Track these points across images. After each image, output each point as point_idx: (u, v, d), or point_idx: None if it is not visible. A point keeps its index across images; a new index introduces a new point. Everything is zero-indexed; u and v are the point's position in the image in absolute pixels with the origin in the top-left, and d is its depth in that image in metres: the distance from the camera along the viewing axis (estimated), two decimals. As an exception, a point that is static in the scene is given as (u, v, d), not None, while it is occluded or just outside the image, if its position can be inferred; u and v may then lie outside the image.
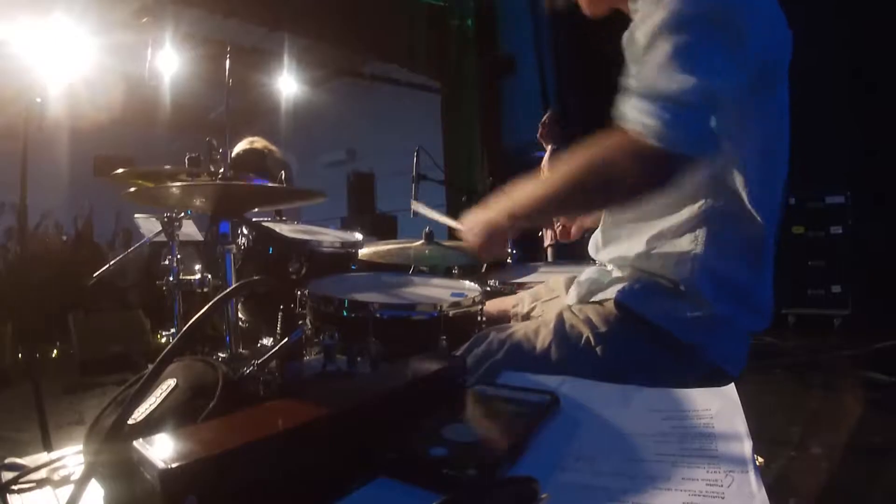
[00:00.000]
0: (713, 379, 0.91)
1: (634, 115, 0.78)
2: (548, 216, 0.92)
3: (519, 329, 0.96)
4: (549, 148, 4.05)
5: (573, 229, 1.44)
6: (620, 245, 0.98)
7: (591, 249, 1.08)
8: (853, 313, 3.97)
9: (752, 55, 0.81)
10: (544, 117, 4.12)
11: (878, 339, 3.41)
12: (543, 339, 0.91)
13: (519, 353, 0.90)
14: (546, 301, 1.18)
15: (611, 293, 0.92)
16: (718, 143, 0.78)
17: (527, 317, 1.20)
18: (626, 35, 0.96)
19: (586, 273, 1.04)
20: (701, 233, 0.88)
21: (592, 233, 1.09)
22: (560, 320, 0.93)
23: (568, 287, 1.11)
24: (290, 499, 0.44)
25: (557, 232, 1.48)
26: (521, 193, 0.90)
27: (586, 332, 0.90)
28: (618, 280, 0.96)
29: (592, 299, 0.97)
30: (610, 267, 1.03)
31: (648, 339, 0.89)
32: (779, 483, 1.74)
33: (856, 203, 4.05)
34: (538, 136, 4.17)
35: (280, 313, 1.35)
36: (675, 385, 0.86)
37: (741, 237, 0.89)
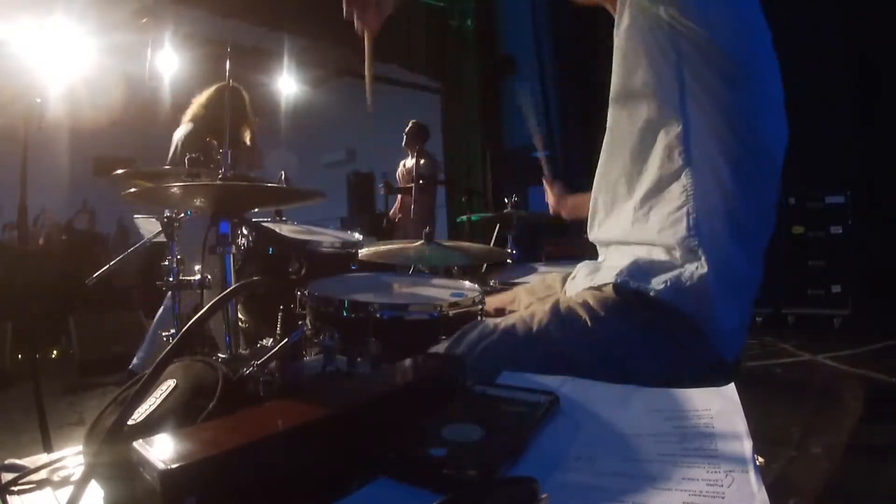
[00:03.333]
0: (713, 368, 0.90)
1: None
2: None
3: (513, 314, 0.94)
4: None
5: (564, 212, 1.49)
6: (614, 215, 1.00)
7: (588, 229, 1.08)
8: (853, 313, 3.97)
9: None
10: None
11: (878, 339, 3.41)
12: (540, 320, 0.89)
13: (514, 334, 0.87)
14: (542, 298, 1.17)
15: (609, 277, 0.91)
16: None
17: None
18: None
19: (580, 267, 1.05)
20: (688, 183, 0.88)
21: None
22: (556, 303, 0.91)
23: (564, 284, 1.11)
24: (290, 499, 0.44)
25: (554, 200, 1.51)
26: None
27: (584, 315, 0.88)
28: (614, 266, 0.95)
29: (590, 285, 0.95)
30: (602, 257, 1.05)
31: (646, 323, 0.88)
32: (779, 483, 1.73)
33: (856, 203, 4.05)
34: None
35: (280, 313, 1.35)
36: (670, 369, 0.87)
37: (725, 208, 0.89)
